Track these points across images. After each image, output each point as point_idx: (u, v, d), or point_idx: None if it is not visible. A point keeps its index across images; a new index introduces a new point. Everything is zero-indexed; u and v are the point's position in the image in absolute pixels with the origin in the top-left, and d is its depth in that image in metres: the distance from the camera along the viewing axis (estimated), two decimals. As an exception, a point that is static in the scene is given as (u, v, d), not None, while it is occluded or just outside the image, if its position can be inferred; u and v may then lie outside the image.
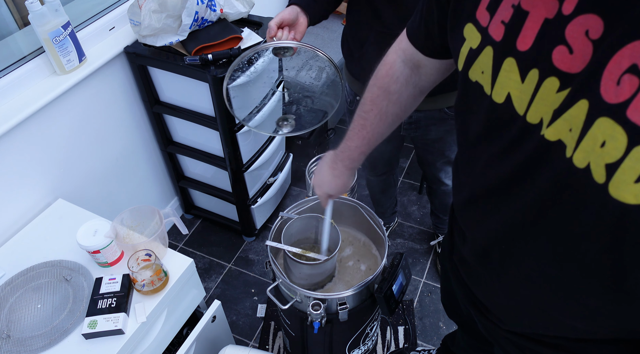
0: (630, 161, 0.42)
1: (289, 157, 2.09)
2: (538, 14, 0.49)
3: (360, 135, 0.94)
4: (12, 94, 1.29)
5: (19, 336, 1.08)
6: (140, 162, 1.82)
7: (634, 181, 0.43)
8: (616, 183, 0.44)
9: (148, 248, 1.15)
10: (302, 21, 1.21)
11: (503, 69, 0.54)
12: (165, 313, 1.22)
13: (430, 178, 1.67)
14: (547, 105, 0.50)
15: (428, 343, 1.72)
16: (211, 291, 1.90)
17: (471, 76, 0.60)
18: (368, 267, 1.33)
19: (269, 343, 1.71)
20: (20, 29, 1.39)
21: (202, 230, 2.13)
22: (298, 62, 1.31)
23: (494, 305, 0.77)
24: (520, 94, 0.53)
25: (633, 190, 0.43)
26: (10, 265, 1.23)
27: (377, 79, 0.88)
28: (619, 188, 0.44)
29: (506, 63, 0.54)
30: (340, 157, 1.01)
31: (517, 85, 0.53)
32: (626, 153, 0.42)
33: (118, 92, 1.58)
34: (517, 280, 0.67)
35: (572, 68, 0.47)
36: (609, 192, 0.45)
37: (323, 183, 1.08)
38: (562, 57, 0.47)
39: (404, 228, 2.11)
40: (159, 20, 1.38)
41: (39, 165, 1.38)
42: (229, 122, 1.54)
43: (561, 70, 0.48)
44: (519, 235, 0.61)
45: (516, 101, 0.54)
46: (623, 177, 0.43)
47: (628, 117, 0.41)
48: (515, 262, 0.65)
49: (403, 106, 0.89)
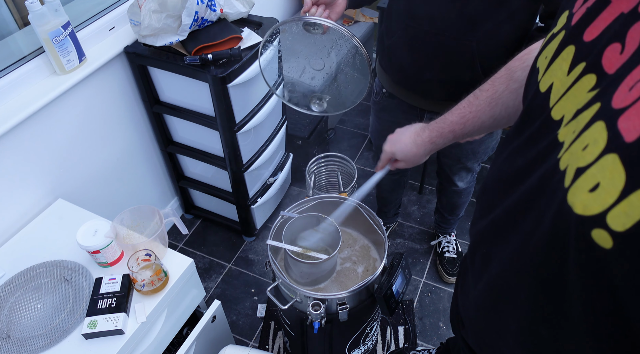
0: (595, 168, 0.39)
1: (289, 157, 2.09)
2: (617, 6, 0.44)
3: (463, 111, 0.88)
4: (12, 94, 1.29)
5: (19, 336, 1.08)
6: (140, 162, 1.82)
7: (589, 191, 0.39)
8: (574, 188, 0.41)
9: (148, 248, 1.15)
10: (341, 1, 1.17)
11: (560, 57, 0.50)
12: (165, 313, 1.22)
13: (444, 177, 1.68)
14: (574, 103, 0.46)
15: (428, 343, 1.72)
16: (211, 291, 1.90)
17: (538, 61, 0.56)
18: (366, 268, 1.33)
19: (269, 343, 1.71)
20: (20, 29, 1.39)
21: (202, 230, 2.13)
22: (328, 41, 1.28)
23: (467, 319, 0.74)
24: (560, 86, 0.49)
25: (584, 199, 0.39)
26: (10, 265, 1.23)
27: (510, 61, 0.81)
28: (574, 194, 0.41)
29: (565, 51, 0.49)
30: (431, 126, 0.94)
31: (563, 76, 0.48)
32: (596, 160, 0.39)
33: (118, 92, 1.58)
34: (485, 290, 0.63)
35: (611, 68, 0.42)
36: (567, 198, 0.42)
37: (398, 143, 0.99)
38: (611, 55, 0.42)
39: (404, 228, 2.11)
40: (159, 20, 1.38)
41: (39, 165, 1.38)
42: (229, 122, 1.54)
43: (603, 69, 0.43)
44: (498, 236, 0.58)
45: (554, 92, 0.50)
46: (582, 184, 0.40)
47: (618, 123, 0.38)
48: (488, 268, 0.61)
49: (515, 104, 0.80)
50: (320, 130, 2.21)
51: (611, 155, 0.37)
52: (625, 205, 0.35)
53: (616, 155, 0.37)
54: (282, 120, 1.89)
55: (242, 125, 1.59)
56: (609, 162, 0.37)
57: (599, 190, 0.38)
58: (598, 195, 0.38)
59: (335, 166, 1.83)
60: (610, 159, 0.37)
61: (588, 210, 0.38)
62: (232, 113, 1.52)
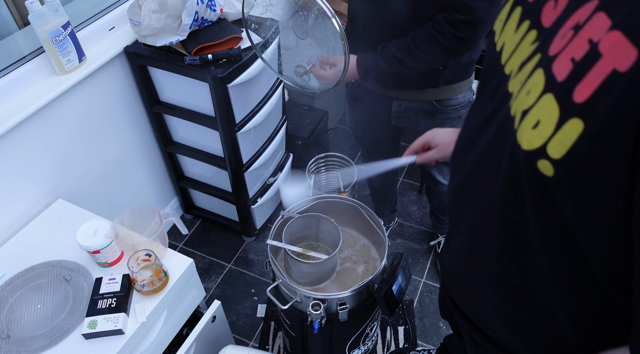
0: (536, 108, 0.44)
1: (289, 157, 2.09)
2: None
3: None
4: (12, 94, 1.29)
5: (19, 336, 1.08)
6: (140, 162, 1.82)
7: (532, 128, 0.44)
8: (521, 128, 0.46)
9: (148, 248, 1.15)
10: None
11: (511, 18, 0.55)
12: (165, 313, 1.22)
13: (427, 177, 1.70)
14: (520, 58, 0.51)
15: (428, 343, 1.72)
16: (211, 291, 1.90)
17: (495, 25, 0.61)
18: (366, 268, 1.33)
19: (269, 343, 1.71)
20: (20, 29, 1.39)
21: (202, 230, 2.13)
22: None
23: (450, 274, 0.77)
24: (510, 44, 0.54)
25: (528, 135, 0.45)
26: (10, 265, 1.23)
27: None
28: (521, 133, 0.46)
29: (515, 12, 0.55)
30: None
31: (512, 35, 0.54)
32: (537, 101, 0.44)
33: (118, 92, 1.58)
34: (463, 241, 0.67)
35: (547, 22, 0.48)
36: (516, 137, 0.47)
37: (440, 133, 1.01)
38: (548, 11, 0.48)
39: (404, 228, 2.11)
40: (159, 20, 1.38)
41: (39, 165, 1.38)
42: (229, 122, 1.54)
43: (542, 24, 0.49)
44: (469, 188, 0.62)
45: (505, 51, 0.55)
46: (527, 123, 0.45)
47: (552, 67, 0.43)
48: (463, 220, 0.66)
49: None
50: (320, 130, 2.21)
51: (548, 94, 0.43)
52: (560, 135, 0.41)
53: (551, 94, 0.42)
54: (282, 120, 1.89)
55: (242, 125, 1.59)
56: (546, 100, 0.43)
57: (540, 125, 0.43)
58: (539, 130, 0.43)
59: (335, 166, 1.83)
60: (547, 98, 0.43)
61: (532, 144, 0.44)
62: (232, 113, 1.52)
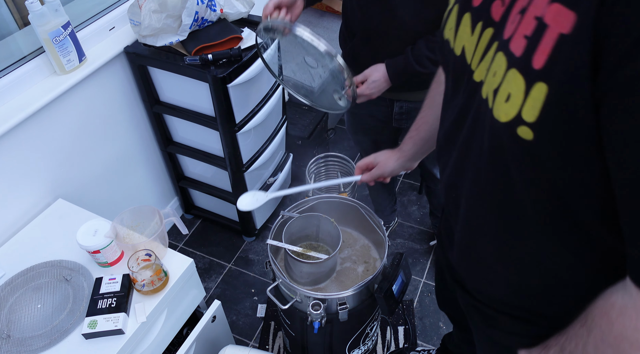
0: (505, 83, 0.49)
1: (289, 157, 2.09)
2: None
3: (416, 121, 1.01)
4: (12, 94, 1.29)
5: (19, 336, 1.08)
6: (140, 162, 1.82)
7: (505, 102, 0.49)
8: (496, 105, 0.51)
9: (148, 248, 1.15)
10: (299, 3, 1.23)
11: (462, 24, 0.61)
12: (165, 313, 1.22)
13: (426, 175, 1.69)
14: (481, 52, 0.57)
15: (428, 343, 1.72)
16: (211, 291, 1.90)
17: (445, 34, 0.67)
18: (366, 268, 1.33)
19: (269, 343, 1.71)
20: (20, 29, 1.39)
21: (202, 230, 2.13)
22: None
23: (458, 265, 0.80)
24: (469, 46, 0.60)
25: (503, 109, 0.50)
26: (10, 265, 1.23)
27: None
28: (497, 109, 0.51)
29: (464, 18, 0.61)
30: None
31: (468, 37, 0.60)
32: (503, 78, 0.50)
33: (118, 92, 1.58)
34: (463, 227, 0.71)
35: (497, 16, 0.54)
36: (493, 114, 0.52)
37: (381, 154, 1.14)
38: (496, 8, 0.55)
39: (404, 228, 2.11)
40: (159, 20, 1.38)
41: (39, 165, 1.38)
42: (229, 122, 1.54)
43: (494, 20, 0.55)
44: (458, 177, 0.67)
45: (467, 52, 0.60)
46: (499, 99, 0.50)
47: (510, 47, 0.49)
48: (460, 208, 0.70)
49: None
50: (320, 130, 2.21)
51: (511, 70, 0.49)
52: (530, 100, 0.47)
53: (514, 69, 0.48)
54: (282, 120, 1.89)
55: (242, 125, 1.59)
56: (511, 75, 0.49)
57: (512, 98, 0.49)
58: (512, 101, 0.49)
59: (335, 166, 1.83)
60: (511, 73, 0.49)
61: (508, 115, 0.49)
62: (232, 113, 1.52)
